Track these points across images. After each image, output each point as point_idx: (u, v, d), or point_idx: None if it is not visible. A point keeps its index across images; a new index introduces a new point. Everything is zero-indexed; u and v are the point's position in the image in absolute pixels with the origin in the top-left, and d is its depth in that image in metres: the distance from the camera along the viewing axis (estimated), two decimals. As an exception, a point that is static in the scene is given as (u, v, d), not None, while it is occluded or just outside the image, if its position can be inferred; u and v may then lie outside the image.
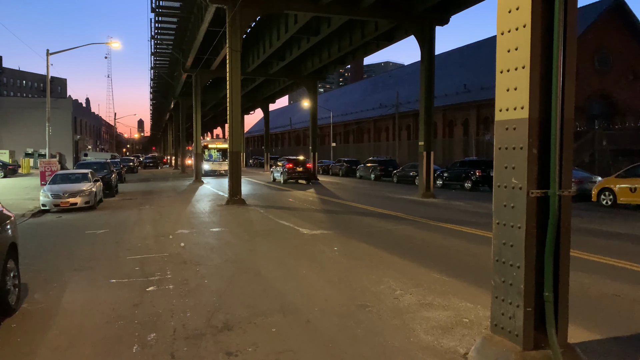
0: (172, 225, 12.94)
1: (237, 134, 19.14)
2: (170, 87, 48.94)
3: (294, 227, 12.40)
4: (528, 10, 3.85)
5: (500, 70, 4.16)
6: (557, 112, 3.85)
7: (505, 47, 4.10)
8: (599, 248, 9.31)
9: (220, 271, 7.85)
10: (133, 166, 49.34)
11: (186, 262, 8.49)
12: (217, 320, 5.51)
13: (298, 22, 22.33)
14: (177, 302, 6.21)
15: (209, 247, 9.89)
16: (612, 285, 6.80)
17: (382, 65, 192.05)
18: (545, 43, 3.90)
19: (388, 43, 26.29)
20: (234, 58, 18.56)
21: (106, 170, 22.90)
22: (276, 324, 5.36)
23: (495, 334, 4.24)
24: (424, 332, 5.08)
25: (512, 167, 4.02)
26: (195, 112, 35.47)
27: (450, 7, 20.33)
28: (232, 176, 18.63)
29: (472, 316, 5.55)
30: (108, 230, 12.15)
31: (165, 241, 10.59)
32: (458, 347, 4.67)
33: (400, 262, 8.37)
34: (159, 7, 25.06)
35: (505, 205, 4.10)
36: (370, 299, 6.24)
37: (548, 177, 3.89)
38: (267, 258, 8.85)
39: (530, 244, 3.92)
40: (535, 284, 3.95)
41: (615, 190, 16.29)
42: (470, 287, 6.76)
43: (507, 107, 4.08)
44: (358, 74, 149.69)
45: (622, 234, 11.03)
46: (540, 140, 3.90)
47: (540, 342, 3.97)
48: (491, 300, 4.29)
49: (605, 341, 4.82)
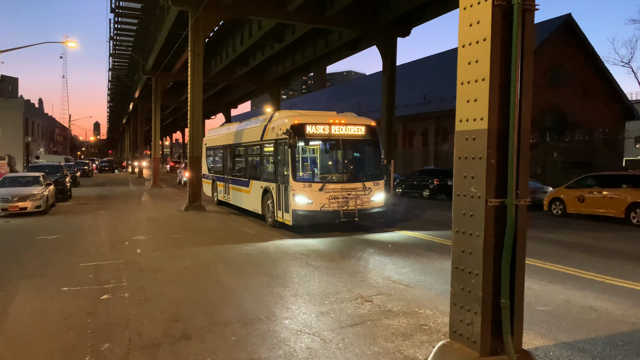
0: (129, 231, 12.57)
1: (197, 139, 18.85)
2: (129, 90, 47.74)
3: (256, 234, 12.29)
4: (488, 24, 3.97)
5: (461, 82, 4.26)
6: (514, 124, 3.98)
7: (466, 59, 4.21)
8: (551, 256, 9.65)
9: (179, 279, 7.67)
10: (88, 170, 47.75)
11: (143, 270, 8.25)
12: (175, 329, 5.37)
13: (262, 28, 22.27)
14: (133, 310, 6.02)
15: (167, 254, 9.65)
16: (563, 292, 7.06)
17: (344, 74, 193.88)
18: (504, 56, 4.02)
19: (351, 52, 26.62)
20: (196, 62, 18.31)
21: (59, 174, 22.06)
22: (236, 333, 5.27)
23: (453, 341, 4.30)
24: (384, 339, 5.11)
25: (472, 176, 4.11)
26: (155, 115, 34.72)
27: (412, 20, 20.78)
28: (192, 181, 18.31)
29: (432, 323, 5.63)
30: (60, 236, 11.67)
31: (121, 248, 10.27)
32: (417, 354, 4.72)
33: (363, 271, 8.41)
34: (119, 8, 24.44)
35: (465, 214, 4.18)
36: (332, 307, 6.23)
37: (506, 187, 4.00)
38: (228, 265, 8.71)
39: (488, 251, 4.01)
40: (492, 291, 4.04)
41: (565, 200, 16.98)
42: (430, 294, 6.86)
43: (468, 117, 4.18)
44: (321, 82, 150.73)
45: (572, 243, 11.47)
46: (498, 150, 4.01)
47: (497, 348, 4.06)
48: (450, 307, 4.36)
49: (557, 346, 4.99)
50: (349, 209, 11.84)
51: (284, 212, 12.24)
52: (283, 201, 12.30)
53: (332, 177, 12.24)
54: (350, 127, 12.30)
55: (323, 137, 12.11)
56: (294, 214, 11.71)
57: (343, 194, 11.80)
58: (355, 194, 11.94)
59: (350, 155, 12.51)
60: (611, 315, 6.02)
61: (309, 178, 12.13)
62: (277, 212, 12.76)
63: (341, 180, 12.07)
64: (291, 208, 11.70)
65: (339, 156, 12.38)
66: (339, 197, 11.75)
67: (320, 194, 11.63)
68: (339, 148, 12.28)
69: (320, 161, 12.80)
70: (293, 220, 11.77)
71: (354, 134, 12.36)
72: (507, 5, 3.96)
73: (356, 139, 12.43)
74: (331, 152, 12.43)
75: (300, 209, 11.65)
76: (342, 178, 12.13)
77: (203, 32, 18.70)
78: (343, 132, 12.19)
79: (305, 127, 11.88)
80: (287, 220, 12.04)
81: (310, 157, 12.84)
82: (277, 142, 12.76)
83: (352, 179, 12.14)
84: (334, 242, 11.20)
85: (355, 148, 12.68)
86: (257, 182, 14.34)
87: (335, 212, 11.71)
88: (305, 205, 11.62)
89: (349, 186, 11.95)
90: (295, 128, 11.74)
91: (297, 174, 11.78)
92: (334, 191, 11.76)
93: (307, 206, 11.62)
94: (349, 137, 12.28)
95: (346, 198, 11.83)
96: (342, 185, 11.91)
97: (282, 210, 12.42)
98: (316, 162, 12.90)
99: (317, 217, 11.69)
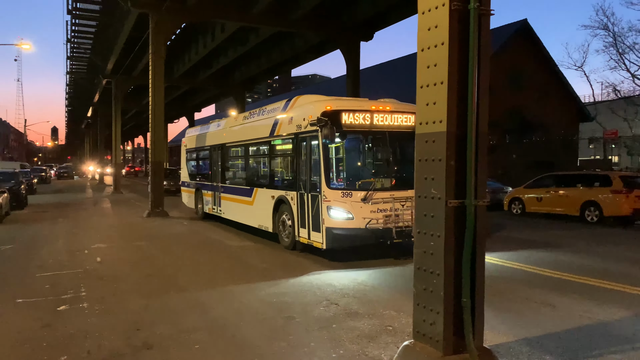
0: (89, 239, 12.19)
1: (159, 143, 18.50)
2: (88, 94, 46.35)
3: (221, 240, 12.13)
4: (446, 28, 4.04)
5: (421, 85, 4.33)
6: (472, 126, 4.06)
7: (425, 63, 4.27)
8: (510, 254, 9.91)
9: (141, 287, 7.48)
10: (45, 176, 46.11)
11: (103, 279, 8.01)
12: (137, 339, 5.23)
13: (226, 31, 22.06)
14: (93, 321, 5.83)
15: (129, 262, 9.40)
16: (523, 290, 7.26)
17: (310, 77, 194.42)
18: (462, 60, 4.10)
19: (316, 56, 26.71)
20: (157, 65, 17.98)
21: (14, 181, 21.19)
22: (200, 341, 5.17)
23: (417, 341, 4.35)
24: (349, 341, 5.12)
25: (432, 178, 4.17)
26: (115, 120, 33.90)
27: (376, 24, 21.02)
28: (154, 187, 17.93)
29: (396, 324, 5.68)
30: (15, 246, 11.20)
31: (80, 256, 9.94)
32: (382, 355, 4.75)
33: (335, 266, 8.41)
34: (76, 9, 23.68)
35: (426, 215, 4.24)
36: (297, 310, 6.20)
37: (465, 188, 4.08)
38: (192, 272, 8.56)
39: (449, 252, 4.08)
40: (454, 291, 4.11)
41: (524, 199, 17.52)
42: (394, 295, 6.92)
43: (427, 120, 4.24)
44: (286, 86, 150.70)
45: (532, 241, 11.83)
46: (457, 152, 4.08)
47: (459, 347, 4.12)
48: (413, 307, 4.41)
49: (517, 342, 5.11)
50: (404, 226, 8.89)
51: (311, 231, 9.32)
52: (309, 216, 9.38)
53: (379, 182, 9.26)
54: (398, 115, 9.49)
55: (364, 129, 9.26)
56: (329, 233, 8.78)
57: (395, 205, 8.94)
58: (410, 204, 8.84)
59: (400, 152, 9.69)
60: (567, 311, 6.23)
61: (347, 185, 9.08)
62: (300, 231, 9.77)
63: (391, 187, 9.26)
64: (324, 225, 8.83)
65: (385, 154, 9.60)
66: (388, 209, 8.90)
67: (364, 205, 8.83)
68: (385, 143, 9.50)
69: (362, 162, 9.94)
70: (327, 242, 8.83)
71: (404, 124, 9.48)
72: (463, 10, 4.04)
73: (406, 132, 9.25)
74: (375, 148, 9.73)
75: (338, 227, 8.75)
76: (391, 184, 9.36)
77: (164, 35, 18.38)
78: (390, 123, 9.38)
79: (341, 116, 8.94)
80: (317, 241, 9.10)
81: (346, 157, 9.43)
82: (298, 137, 9.86)
83: (404, 185, 9.14)
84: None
85: (406, 143, 9.32)
86: (266, 190, 11.44)
87: (386, 230, 8.84)
88: (345, 222, 8.75)
89: (402, 194, 9.01)
90: (329, 116, 8.72)
91: (333, 179, 9.01)
92: (382, 202, 8.92)
93: (347, 223, 8.79)
94: (398, 129, 9.44)
95: (399, 210, 8.95)
96: (392, 194, 9.01)
97: (307, 228, 9.47)
98: (355, 163, 9.91)
99: (360, 237, 8.87)
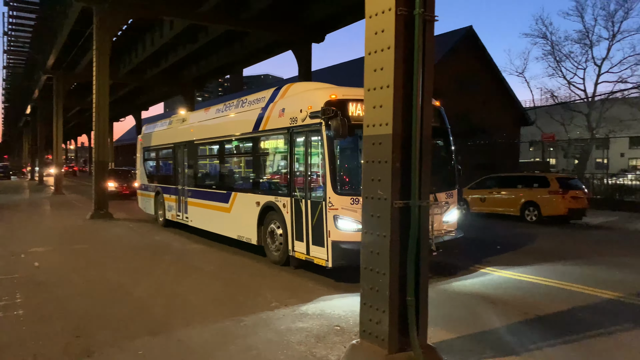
0: (26, 242, 11.57)
1: (103, 143, 17.81)
2: (27, 90, 44.06)
3: (166, 242, 11.84)
4: (392, 33, 4.12)
5: (368, 88, 4.40)
6: (417, 129, 4.17)
7: (372, 66, 4.35)
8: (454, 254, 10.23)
9: (82, 292, 7.18)
10: (-21, 177, 43.44)
11: (40, 284, 7.63)
12: (76, 346, 5.02)
13: (174, 28, 21.56)
14: (29, 329, 5.54)
15: (69, 267, 9.00)
16: (465, 287, 7.51)
17: (262, 77, 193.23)
18: (407, 64, 4.20)
19: (268, 56, 26.59)
20: (101, 61, 17.31)
21: (-57, 181, 19.85)
22: (144, 346, 5.02)
23: (364, 340, 4.41)
24: (297, 342, 5.13)
25: (378, 179, 4.25)
26: (57, 117, 32.35)
27: (327, 26, 21.18)
28: (98, 187, 17.26)
29: (344, 324, 5.73)
30: (-57, 251, 10.49)
31: (16, 261, 9.42)
32: (330, 355, 4.78)
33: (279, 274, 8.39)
34: (14, 1, 22.51)
35: (372, 216, 4.32)
36: (246, 312, 6.15)
37: (410, 189, 4.18)
38: (135, 276, 8.30)
39: (395, 251, 4.17)
40: (399, 289, 4.20)
41: (468, 200, 18.15)
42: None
43: (374, 123, 4.32)
44: (238, 85, 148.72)
45: (475, 240, 12.26)
46: (402, 154, 4.18)
47: (404, 345, 4.21)
48: (360, 307, 4.47)
49: (460, 339, 5.29)
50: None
51: (311, 245, 7.81)
52: (308, 227, 7.87)
53: None
54: None
55: None
56: (336, 248, 7.23)
57: None
58: (438, 209, 7.76)
59: None
60: (506, 307, 6.50)
61: (354, 190, 7.33)
62: (295, 244, 8.21)
63: None
64: (330, 239, 7.29)
65: None
66: None
67: None
68: None
69: None
70: (334, 259, 7.28)
71: None
72: (409, 16, 4.14)
73: None
74: None
75: (347, 240, 7.15)
76: None
77: (109, 31, 17.74)
78: None
79: (348, 106, 7.32)
80: (320, 257, 7.55)
81: (351, 156, 7.91)
82: (292, 133, 8.32)
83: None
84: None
85: None
86: (248, 195, 9.78)
87: None
88: (356, 234, 6.82)
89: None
90: (336, 107, 7.05)
91: (340, 183, 7.40)
92: None
93: (359, 235, 6.47)
94: None
95: None
96: None
97: (305, 242, 7.95)
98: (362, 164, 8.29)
99: None
